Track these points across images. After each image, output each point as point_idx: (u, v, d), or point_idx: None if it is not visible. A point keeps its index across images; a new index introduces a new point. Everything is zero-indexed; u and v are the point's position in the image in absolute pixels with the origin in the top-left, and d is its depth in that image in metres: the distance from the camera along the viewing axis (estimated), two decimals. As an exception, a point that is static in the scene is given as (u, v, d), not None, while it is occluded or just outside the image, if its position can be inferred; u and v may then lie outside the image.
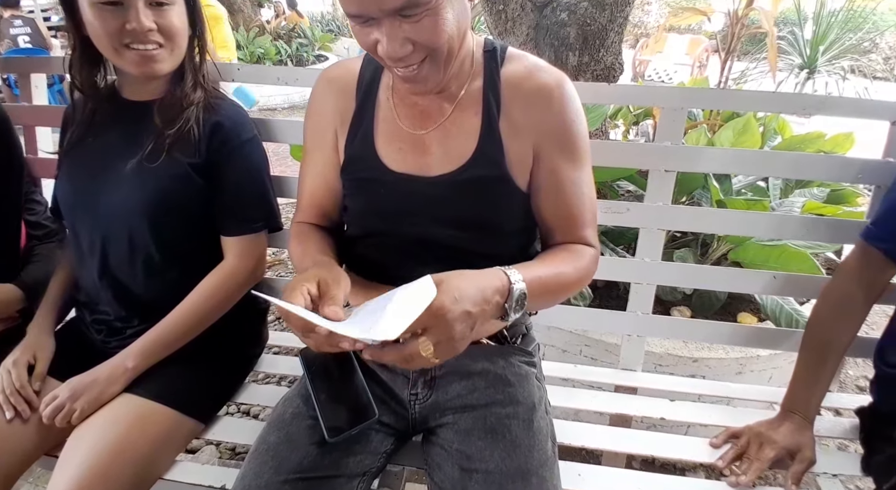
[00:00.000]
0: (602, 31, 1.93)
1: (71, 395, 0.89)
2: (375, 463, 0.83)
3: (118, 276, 0.98)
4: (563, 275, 0.77)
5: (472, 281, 0.65)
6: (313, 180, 0.90)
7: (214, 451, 1.59)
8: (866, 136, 2.07)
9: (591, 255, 0.83)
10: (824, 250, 1.77)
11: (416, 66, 0.71)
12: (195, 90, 0.97)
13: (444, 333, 0.61)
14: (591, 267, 0.83)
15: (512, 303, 0.67)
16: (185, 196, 0.96)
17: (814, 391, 0.98)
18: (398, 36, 0.67)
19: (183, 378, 0.96)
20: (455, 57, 0.74)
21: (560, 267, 0.78)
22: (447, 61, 0.73)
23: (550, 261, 0.79)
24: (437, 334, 0.61)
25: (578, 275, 0.79)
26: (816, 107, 1.08)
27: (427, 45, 0.69)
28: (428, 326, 0.61)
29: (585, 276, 0.81)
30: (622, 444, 1.02)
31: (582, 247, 0.83)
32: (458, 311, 0.62)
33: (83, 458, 0.83)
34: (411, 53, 0.69)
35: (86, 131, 0.99)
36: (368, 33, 0.69)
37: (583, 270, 0.80)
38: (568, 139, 0.81)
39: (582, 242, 0.83)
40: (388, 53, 0.68)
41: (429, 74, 0.73)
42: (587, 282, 0.84)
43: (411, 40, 0.68)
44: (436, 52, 0.70)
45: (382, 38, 0.68)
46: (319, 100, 0.89)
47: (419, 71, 0.72)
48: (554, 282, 0.76)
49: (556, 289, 0.76)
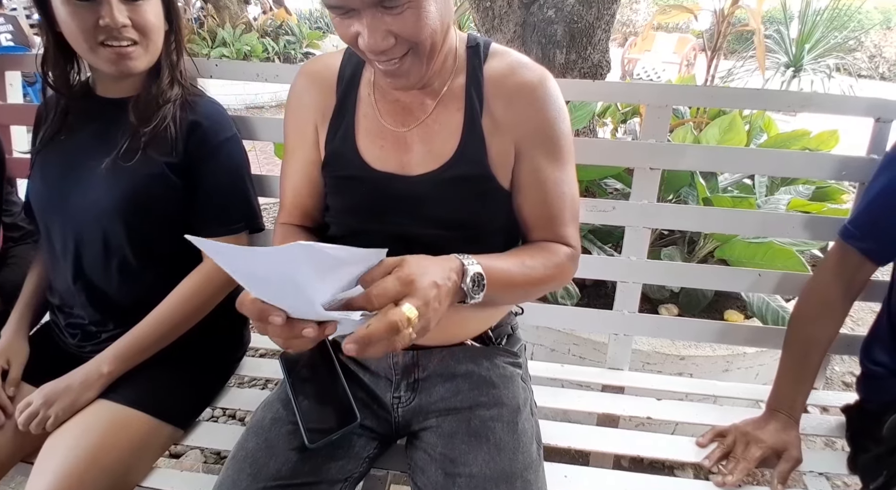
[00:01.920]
0: (589, 28, 1.92)
1: (45, 401, 0.87)
2: (358, 468, 0.82)
3: (92, 279, 0.96)
4: (529, 268, 0.75)
5: (430, 260, 0.63)
6: (295, 179, 0.88)
7: (199, 456, 1.56)
8: (851, 135, 2.09)
9: (568, 254, 0.81)
10: (810, 247, 1.78)
11: (397, 60, 0.69)
12: (172, 87, 0.95)
13: (421, 299, 0.58)
14: (568, 265, 0.81)
15: (468, 282, 0.65)
16: (162, 196, 0.94)
17: (798, 389, 0.98)
18: (380, 28, 0.65)
19: (160, 383, 0.94)
20: (438, 52, 0.73)
21: (527, 261, 0.76)
22: (430, 56, 0.71)
23: (517, 254, 0.78)
24: (415, 300, 0.58)
25: (550, 271, 0.78)
26: (802, 104, 1.08)
27: (409, 39, 0.67)
28: (404, 294, 0.58)
29: (559, 273, 0.80)
30: (610, 445, 1.01)
31: (557, 245, 0.81)
32: (426, 280, 0.59)
33: (57, 466, 0.81)
34: (393, 47, 0.67)
35: (58, 130, 0.96)
36: (349, 25, 0.67)
37: (555, 267, 0.79)
38: (549, 137, 0.80)
39: (561, 242, 0.82)
40: (370, 46, 0.66)
41: (411, 69, 0.71)
42: (563, 280, 0.82)
43: (393, 33, 0.66)
44: (418, 46, 0.68)
45: (363, 31, 0.66)
46: (299, 96, 0.87)
47: (401, 65, 0.70)
48: (519, 273, 0.74)
49: (522, 281, 0.74)
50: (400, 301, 0.57)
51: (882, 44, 12.17)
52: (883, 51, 12.08)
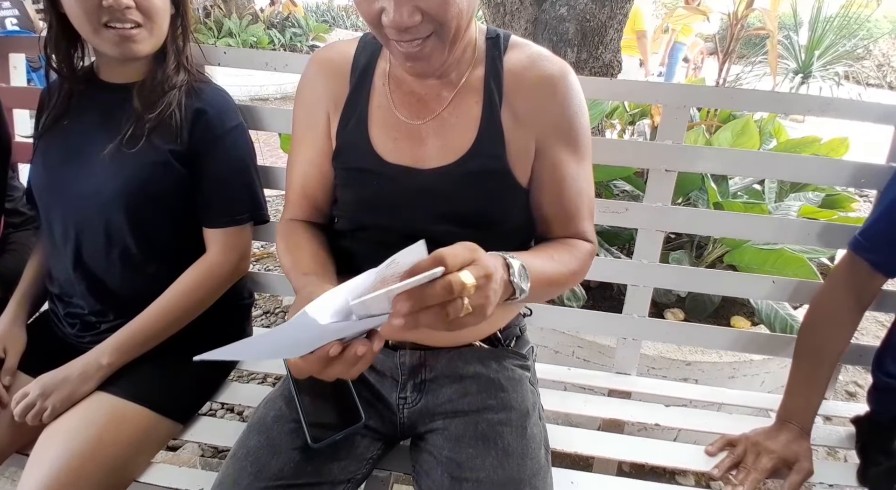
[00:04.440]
0: (601, 27, 1.90)
1: (42, 392, 0.85)
2: (361, 469, 0.80)
3: (93, 269, 0.93)
4: (558, 263, 0.73)
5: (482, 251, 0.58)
6: (304, 169, 0.85)
7: (196, 449, 1.54)
8: (858, 144, 2.07)
9: (588, 250, 0.80)
10: (819, 255, 1.76)
11: (420, 41, 0.67)
12: (178, 73, 0.92)
13: (483, 269, 0.53)
14: (588, 261, 0.80)
15: (515, 275, 0.61)
16: (165, 185, 0.91)
17: (809, 400, 0.96)
18: (408, 3, 0.63)
19: (160, 377, 0.92)
20: (461, 37, 0.70)
21: (555, 256, 0.74)
22: (453, 40, 0.69)
23: (544, 250, 0.76)
24: (477, 269, 0.52)
25: (575, 267, 0.76)
26: (820, 108, 1.06)
27: (436, 17, 0.65)
28: (471, 260, 0.53)
29: (581, 270, 0.78)
30: (615, 451, 0.99)
31: (578, 241, 0.80)
32: (487, 257, 0.55)
33: (53, 459, 0.79)
34: (419, 25, 0.65)
35: (61, 114, 0.94)
36: (373, 1, 0.65)
37: (579, 263, 0.77)
38: (571, 132, 0.78)
39: (580, 238, 0.80)
40: (395, 22, 0.64)
41: (433, 53, 0.68)
42: (583, 276, 0.81)
43: (420, 9, 0.64)
44: (443, 27, 0.66)
45: (389, 6, 0.63)
46: (311, 83, 0.84)
47: (423, 48, 0.67)
48: (552, 269, 0.71)
49: (555, 278, 0.72)
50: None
51: (890, 53, 12.13)
52: (891, 60, 12.04)
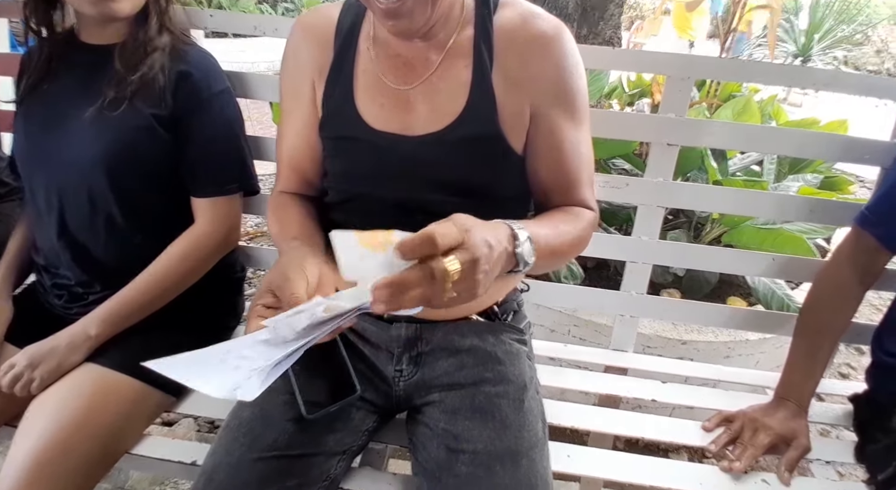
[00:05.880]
0: (602, 3, 1.87)
1: (29, 363, 0.83)
2: (357, 441, 0.79)
3: (77, 238, 0.91)
4: (564, 233, 0.71)
5: (481, 222, 0.57)
6: (292, 141, 0.83)
7: (192, 424, 1.53)
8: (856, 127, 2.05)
9: (591, 218, 0.78)
10: (817, 235, 1.75)
11: None
12: (160, 34, 0.89)
13: (470, 254, 0.51)
14: (590, 230, 0.78)
15: (521, 247, 0.59)
16: (149, 150, 0.89)
17: (808, 377, 0.96)
18: None
19: (150, 348, 0.88)
20: None
21: (560, 225, 0.71)
22: None
23: (549, 219, 0.73)
24: (463, 254, 0.51)
25: (580, 236, 0.74)
26: (826, 82, 1.03)
27: None
28: (460, 242, 0.52)
29: (585, 239, 0.76)
30: (612, 426, 0.99)
31: (580, 209, 0.78)
32: (479, 237, 0.53)
33: (42, 430, 0.78)
34: None
35: (42, 78, 0.91)
36: None
37: (583, 232, 0.75)
38: (567, 94, 0.75)
39: (580, 205, 0.78)
40: None
41: (414, 8, 0.65)
42: (585, 246, 0.79)
43: None
44: None
45: None
46: (294, 50, 0.81)
47: (404, 2, 0.64)
48: (557, 239, 0.69)
49: (560, 247, 0.70)
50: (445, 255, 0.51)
51: (889, 39, 12.07)
52: (889, 46, 11.98)
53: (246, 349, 0.58)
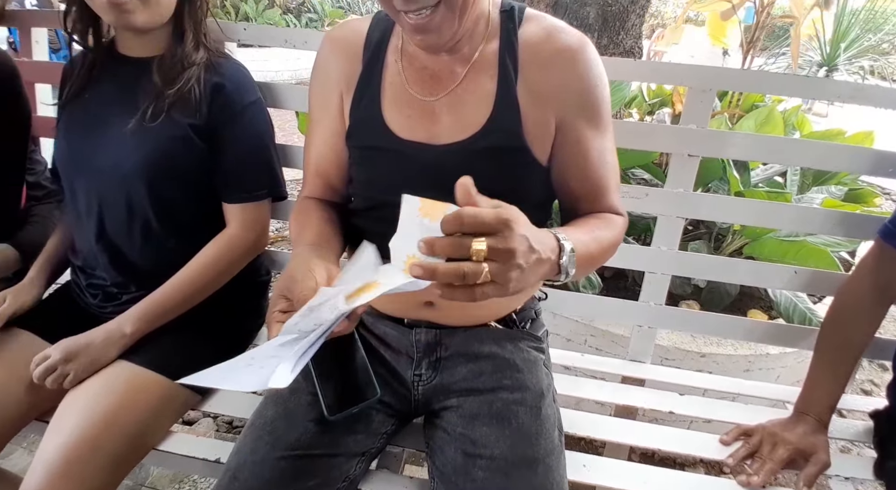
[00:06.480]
0: (623, 12, 1.87)
1: (64, 356, 0.85)
2: (375, 443, 0.81)
3: (115, 241, 0.95)
4: (600, 240, 0.72)
5: (530, 224, 0.56)
6: (318, 149, 0.85)
7: (212, 424, 1.57)
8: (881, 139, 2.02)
9: (622, 224, 0.79)
10: (840, 249, 1.73)
11: (429, 10, 0.66)
12: (197, 50, 0.92)
13: (504, 244, 0.50)
14: (622, 235, 0.79)
15: (566, 258, 0.59)
16: (186, 159, 0.92)
17: (829, 393, 0.95)
18: None
19: (180, 347, 0.93)
20: (470, 8, 0.69)
21: (596, 232, 0.72)
22: (462, 10, 0.68)
23: (588, 228, 0.74)
24: (497, 241, 0.50)
25: (613, 242, 0.75)
26: (851, 95, 1.03)
27: None
28: (495, 231, 0.51)
29: (617, 244, 0.77)
30: (628, 437, 0.99)
31: (612, 215, 0.79)
32: (520, 233, 0.52)
33: (74, 426, 0.80)
34: None
35: (83, 87, 0.95)
36: None
37: (616, 238, 0.76)
38: (592, 105, 0.77)
39: (610, 211, 0.79)
40: None
41: (442, 23, 0.67)
42: (616, 250, 0.79)
43: None
44: None
45: None
46: (324, 62, 0.84)
47: (432, 18, 0.66)
48: (596, 247, 0.70)
49: (598, 255, 0.71)
50: None
51: (918, 48, 11.78)
52: (918, 55, 11.69)
53: (271, 351, 0.60)
